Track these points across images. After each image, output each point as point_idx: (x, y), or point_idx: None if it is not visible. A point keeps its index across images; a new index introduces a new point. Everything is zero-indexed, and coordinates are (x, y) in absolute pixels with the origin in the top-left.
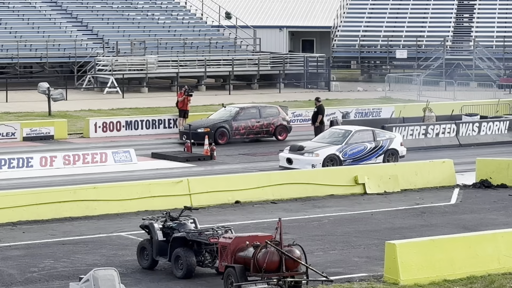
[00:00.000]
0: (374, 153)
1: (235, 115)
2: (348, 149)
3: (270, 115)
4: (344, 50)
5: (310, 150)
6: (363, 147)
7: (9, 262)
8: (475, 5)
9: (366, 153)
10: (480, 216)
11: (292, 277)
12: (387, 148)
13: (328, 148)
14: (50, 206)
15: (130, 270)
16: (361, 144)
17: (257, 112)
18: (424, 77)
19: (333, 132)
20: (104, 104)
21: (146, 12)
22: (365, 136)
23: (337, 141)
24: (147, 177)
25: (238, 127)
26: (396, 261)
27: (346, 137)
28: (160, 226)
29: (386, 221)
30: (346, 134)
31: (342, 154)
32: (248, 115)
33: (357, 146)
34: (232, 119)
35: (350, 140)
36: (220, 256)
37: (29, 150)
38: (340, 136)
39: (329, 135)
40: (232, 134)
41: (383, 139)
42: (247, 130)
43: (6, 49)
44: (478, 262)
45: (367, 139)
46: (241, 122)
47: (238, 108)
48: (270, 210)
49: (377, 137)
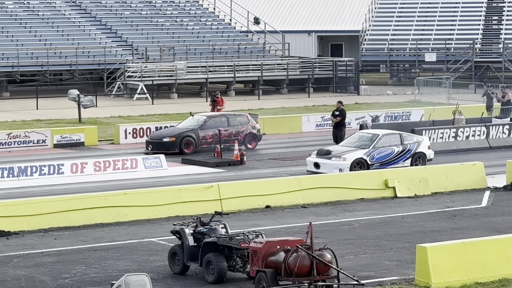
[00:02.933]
0: (402, 156)
1: (202, 124)
2: (376, 153)
3: (239, 123)
4: (373, 54)
5: (337, 154)
6: (390, 151)
7: (41, 269)
8: (504, 7)
9: (393, 157)
10: (511, 219)
11: (323, 281)
12: (415, 151)
13: (355, 152)
14: (81, 212)
15: (162, 276)
16: (388, 147)
17: (226, 120)
18: (454, 80)
19: (361, 136)
20: (133, 111)
21: (175, 18)
22: (393, 140)
23: (364, 145)
24: (177, 182)
25: (205, 136)
26: (428, 264)
27: (373, 141)
28: (191, 232)
29: (417, 225)
30: (373, 138)
31: (370, 158)
32: (216, 124)
33: (385, 150)
34: (199, 128)
35: (377, 144)
36: (251, 261)
37: (60, 157)
38: (367, 140)
39: (357, 139)
40: (199, 143)
41: (411, 142)
42: (215, 139)
43: (36, 57)
44: (510, 265)
45: (394, 143)
46: (208, 131)
47: (205, 116)
48: (301, 214)
49: (405, 140)
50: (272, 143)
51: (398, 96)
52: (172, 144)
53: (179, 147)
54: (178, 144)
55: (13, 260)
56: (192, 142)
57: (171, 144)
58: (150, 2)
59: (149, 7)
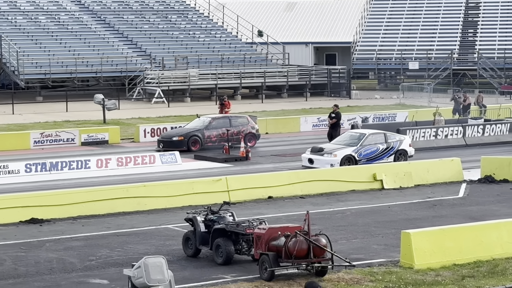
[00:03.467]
0: (386, 153)
1: (208, 125)
2: (363, 150)
3: (240, 124)
4: (362, 62)
5: (329, 151)
6: (376, 148)
7: (70, 252)
8: (479, 22)
9: (378, 154)
10: (484, 208)
11: (319, 263)
12: (397, 148)
13: (345, 149)
14: (105, 202)
15: (176, 258)
16: (374, 145)
17: (228, 121)
18: (434, 86)
19: (350, 135)
20: (152, 113)
21: (188, 32)
22: (378, 138)
23: (353, 143)
24: (190, 176)
25: (210, 135)
26: (411, 248)
27: (361, 140)
28: (203, 219)
29: (401, 213)
30: (361, 136)
31: (357, 154)
32: (219, 125)
33: (371, 147)
34: (205, 128)
35: (364, 142)
36: (256, 245)
37: (87, 154)
38: (356, 139)
39: (346, 137)
40: (204, 142)
41: (394, 141)
42: (218, 138)
43: (66, 66)
44: (483, 249)
45: (379, 141)
46: (212, 131)
47: (210, 118)
48: (299, 204)
49: (388, 139)
50: (274, 141)
51: (385, 100)
52: (181, 142)
53: (187, 145)
54: (186, 143)
55: (45, 244)
56: (198, 140)
57: (180, 143)
58: (166, 17)
59: (165, 22)
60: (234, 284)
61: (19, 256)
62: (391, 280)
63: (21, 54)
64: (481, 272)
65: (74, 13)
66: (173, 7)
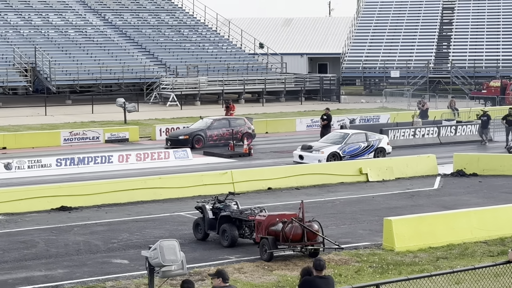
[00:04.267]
0: (367, 150)
1: (210, 125)
2: (346, 147)
3: (238, 125)
4: (350, 71)
5: (317, 149)
6: (358, 146)
7: (95, 236)
8: (452, 35)
9: (360, 151)
10: (456, 198)
11: (312, 246)
12: (377, 146)
13: (331, 147)
14: (126, 192)
15: (188, 241)
16: (356, 143)
17: (227, 122)
18: (413, 92)
19: (335, 135)
20: (166, 114)
21: (198, 44)
22: (360, 138)
23: (338, 141)
24: (200, 169)
25: (212, 134)
26: (392, 233)
27: (345, 138)
28: (211, 207)
29: (384, 202)
30: (344, 136)
31: (342, 151)
32: (220, 125)
33: (353, 145)
34: (207, 128)
35: (348, 140)
36: (257, 230)
37: (110, 150)
38: (340, 138)
39: (332, 137)
40: (207, 140)
41: (374, 139)
42: (219, 137)
43: (92, 73)
44: (455, 234)
45: (361, 140)
46: (214, 131)
47: (212, 119)
48: (295, 194)
49: (369, 138)
50: (273, 139)
51: (370, 104)
52: (186, 140)
53: (191, 143)
54: (191, 141)
55: (73, 229)
56: (201, 139)
57: (185, 141)
58: (179, 31)
59: (178, 35)
60: (238, 264)
61: (51, 239)
62: (375, 261)
63: (53, 63)
64: (453, 254)
65: (99, 27)
66: (185, 22)
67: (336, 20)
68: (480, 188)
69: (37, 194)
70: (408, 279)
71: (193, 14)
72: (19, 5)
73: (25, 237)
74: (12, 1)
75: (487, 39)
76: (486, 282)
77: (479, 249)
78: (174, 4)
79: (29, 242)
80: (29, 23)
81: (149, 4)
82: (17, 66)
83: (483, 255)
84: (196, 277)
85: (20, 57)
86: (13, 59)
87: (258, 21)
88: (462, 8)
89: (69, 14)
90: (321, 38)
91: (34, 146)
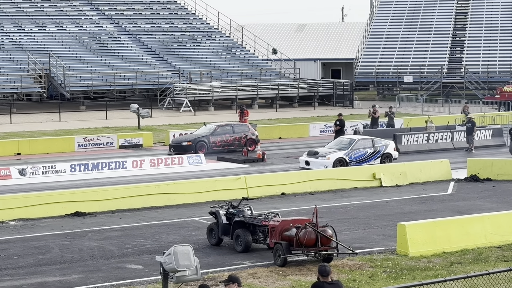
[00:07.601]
0: (373, 156)
1: (213, 131)
2: (353, 153)
3: (241, 131)
4: (364, 76)
5: (323, 154)
6: (364, 152)
7: (110, 241)
8: (465, 41)
9: (366, 157)
10: (470, 203)
11: (325, 251)
12: (383, 152)
13: (337, 152)
14: (140, 198)
15: (202, 246)
16: (363, 149)
17: (231, 128)
18: (426, 97)
19: (341, 140)
20: (180, 120)
21: (212, 50)
22: (366, 143)
23: (344, 147)
24: (213, 175)
25: (215, 141)
26: (406, 238)
27: (351, 144)
28: (224, 213)
29: (397, 207)
30: (351, 141)
31: (348, 157)
32: (223, 131)
33: (360, 151)
34: (210, 135)
35: (354, 146)
36: (270, 235)
37: (124, 156)
38: (347, 144)
39: (338, 142)
40: (210, 146)
41: (380, 145)
42: (222, 143)
43: (106, 79)
44: (469, 239)
45: (367, 146)
46: (217, 137)
47: (215, 125)
48: (308, 199)
49: (375, 144)
50: (286, 144)
51: (383, 109)
52: (189, 146)
53: (195, 149)
54: (194, 147)
55: (88, 234)
56: (204, 145)
57: (188, 147)
58: (193, 37)
59: (192, 41)
60: (252, 269)
61: (65, 245)
62: (389, 266)
63: (67, 69)
64: (467, 259)
65: (113, 33)
66: (198, 28)
67: (349, 25)
68: (494, 193)
69: (52, 200)
70: (422, 284)
71: (206, 20)
72: (34, 12)
73: (40, 242)
74: (27, 8)
75: (500, 44)
76: (501, 287)
77: (493, 254)
78: (187, 10)
79: (44, 248)
80: (43, 30)
81: (162, 10)
82: (32, 73)
83: (498, 260)
84: (210, 282)
85: (34, 63)
86: (27, 66)
87: (272, 27)
88: (475, 13)
89: (83, 20)
90: (334, 44)
91: (48, 152)
